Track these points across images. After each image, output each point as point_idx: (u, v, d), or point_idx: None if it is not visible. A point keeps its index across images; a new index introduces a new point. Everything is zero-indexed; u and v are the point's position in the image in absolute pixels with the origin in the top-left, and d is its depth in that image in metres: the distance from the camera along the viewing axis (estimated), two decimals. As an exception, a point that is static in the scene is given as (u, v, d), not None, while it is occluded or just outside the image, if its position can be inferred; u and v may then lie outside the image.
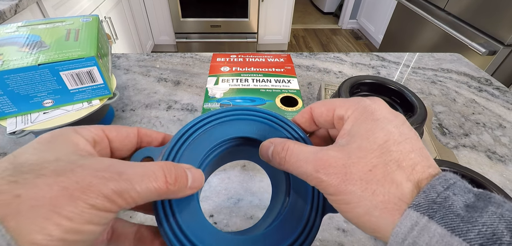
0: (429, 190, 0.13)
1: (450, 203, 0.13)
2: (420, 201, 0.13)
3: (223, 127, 0.20)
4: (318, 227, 0.18)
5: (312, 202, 0.18)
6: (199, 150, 0.19)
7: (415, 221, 0.13)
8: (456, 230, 0.12)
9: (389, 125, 0.15)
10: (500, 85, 0.62)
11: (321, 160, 0.16)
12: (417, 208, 0.13)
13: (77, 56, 0.36)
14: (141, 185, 0.13)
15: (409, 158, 0.14)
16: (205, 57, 0.67)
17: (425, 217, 0.12)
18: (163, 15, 2.02)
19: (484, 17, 1.24)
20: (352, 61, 0.68)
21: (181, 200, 0.17)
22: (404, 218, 0.13)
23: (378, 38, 2.42)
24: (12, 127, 0.36)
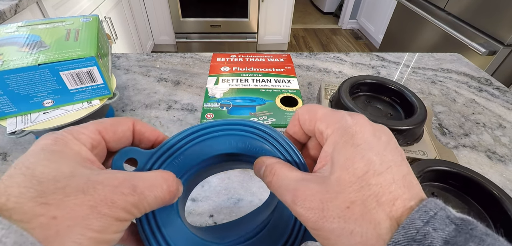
0: (408, 225, 0.13)
1: (429, 242, 0.12)
2: (399, 238, 0.12)
3: (212, 141, 0.19)
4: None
5: (293, 227, 0.18)
6: (186, 163, 0.19)
7: None
8: None
9: (370, 152, 0.15)
10: (500, 85, 0.62)
11: (299, 191, 0.15)
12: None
13: (77, 56, 0.36)
14: (150, 195, 0.15)
15: (389, 192, 0.14)
16: (205, 57, 0.67)
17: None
18: (163, 15, 2.02)
19: (484, 17, 1.24)
20: (352, 61, 0.68)
21: (164, 214, 0.17)
22: None
23: (378, 38, 2.42)
24: (12, 127, 0.36)
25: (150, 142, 0.19)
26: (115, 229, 0.13)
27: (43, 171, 0.13)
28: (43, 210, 0.11)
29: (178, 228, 0.18)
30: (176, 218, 0.18)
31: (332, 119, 0.17)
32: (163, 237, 0.17)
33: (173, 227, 0.18)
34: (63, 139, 0.15)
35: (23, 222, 0.11)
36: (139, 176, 0.15)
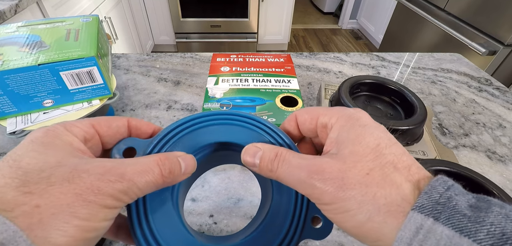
0: (430, 191, 0.13)
1: (454, 203, 0.12)
2: (423, 202, 0.12)
3: (210, 129, 0.20)
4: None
5: (291, 220, 0.18)
6: (185, 148, 0.19)
7: (420, 223, 0.12)
8: (465, 231, 0.11)
9: (376, 130, 0.16)
10: (500, 85, 0.62)
11: (315, 166, 0.15)
12: (421, 210, 0.12)
13: (77, 56, 0.36)
14: (141, 180, 0.14)
15: (403, 160, 0.14)
16: (205, 57, 0.67)
17: (430, 219, 0.12)
18: (163, 15, 2.02)
19: (484, 17, 1.24)
20: (352, 61, 0.68)
21: (155, 202, 0.17)
22: (408, 221, 0.12)
23: (378, 38, 2.42)
24: (12, 127, 0.36)
25: (147, 135, 0.19)
26: (102, 216, 0.13)
27: (30, 162, 0.13)
28: (26, 198, 0.12)
29: (171, 221, 0.17)
30: (171, 210, 0.17)
31: (334, 111, 0.17)
32: (149, 226, 0.16)
33: (165, 219, 0.17)
34: (54, 131, 0.15)
35: (6, 210, 0.11)
36: (128, 162, 0.15)
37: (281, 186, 0.18)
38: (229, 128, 0.20)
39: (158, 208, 0.17)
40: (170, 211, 0.17)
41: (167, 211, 0.17)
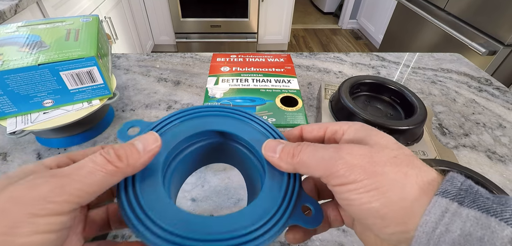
0: (451, 179, 0.13)
1: (476, 189, 0.13)
2: (447, 187, 0.13)
3: (210, 120, 0.21)
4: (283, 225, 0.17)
5: (281, 203, 0.17)
6: (182, 133, 0.20)
7: (445, 207, 0.12)
8: (491, 211, 0.11)
9: (387, 135, 0.17)
10: (500, 85, 0.62)
11: (343, 146, 0.16)
12: (445, 194, 0.12)
13: (77, 56, 0.36)
14: (80, 174, 0.14)
15: (417, 158, 0.15)
16: (205, 57, 0.67)
17: (455, 203, 0.12)
18: (163, 15, 2.02)
19: (484, 17, 1.23)
20: (352, 61, 0.68)
21: (145, 186, 0.17)
22: (432, 206, 0.12)
23: (378, 38, 2.42)
24: (12, 127, 0.36)
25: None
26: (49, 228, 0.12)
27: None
28: None
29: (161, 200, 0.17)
30: (162, 192, 0.17)
31: (344, 122, 0.19)
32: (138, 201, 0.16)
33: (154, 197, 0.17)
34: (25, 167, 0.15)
35: None
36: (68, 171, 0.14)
37: (273, 174, 0.19)
38: (228, 120, 0.22)
39: (148, 189, 0.17)
40: (161, 192, 0.17)
41: (157, 193, 0.17)
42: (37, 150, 0.41)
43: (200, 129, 0.21)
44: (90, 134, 0.43)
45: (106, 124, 0.45)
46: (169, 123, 0.20)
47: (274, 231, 0.16)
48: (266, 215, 0.16)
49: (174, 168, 0.21)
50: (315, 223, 0.17)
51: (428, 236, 0.12)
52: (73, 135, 0.41)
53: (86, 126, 0.42)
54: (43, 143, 0.42)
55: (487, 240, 0.11)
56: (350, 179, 0.14)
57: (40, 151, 0.41)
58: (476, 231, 0.11)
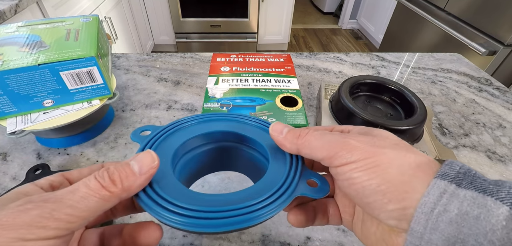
0: (450, 163, 0.14)
1: (474, 172, 0.13)
2: (446, 170, 0.13)
3: (213, 124, 0.23)
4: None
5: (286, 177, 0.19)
6: (175, 141, 0.21)
7: (443, 189, 0.13)
8: (487, 191, 0.12)
9: (389, 132, 0.18)
10: (500, 85, 0.62)
11: (349, 134, 0.17)
12: (443, 177, 0.13)
13: (77, 56, 0.36)
14: (72, 199, 0.13)
15: (415, 149, 0.16)
16: (205, 57, 0.67)
17: (453, 184, 0.13)
18: (163, 15, 2.02)
19: (484, 17, 1.23)
20: (352, 61, 0.68)
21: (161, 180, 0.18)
22: (431, 187, 0.13)
23: (378, 38, 2.42)
24: (12, 127, 0.36)
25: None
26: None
27: None
28: None
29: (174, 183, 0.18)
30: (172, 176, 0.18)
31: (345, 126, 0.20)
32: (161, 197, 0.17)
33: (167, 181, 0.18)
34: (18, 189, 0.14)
35: None
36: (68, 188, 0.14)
37: (277, 158, 0.20)
38: (230, 123, 0.23)
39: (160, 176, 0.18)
40: (172, 178, 0.18)
41: (169, 178, 0.18)
42: (37, 150, 0.41)
43: (206, 131, 0.22)
44: (90, 134, 0.43)
45: (106, 124, 0.45)
46: (175, 127, 0.22)
47: (284, 198, 0.17)
48: (274, 186, 0.17)
49: (182, 166, 0.22)
50: (322, 193, 0.18)
51: (427, 216, 0.13)
52: (73, 135, 0.41)
53: (86, 126, 0.42)
54: (43, 143, 0.42)
55: (483, 218, 0.11)
56: (352, 159, 0.15)
57: (40, 151, 0.41)
58: (472, 210, 0.12)
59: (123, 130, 0.45)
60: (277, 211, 0.16)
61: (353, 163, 0.15)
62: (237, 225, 0.15)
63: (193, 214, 0.15)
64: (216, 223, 0.15)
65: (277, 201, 0.17)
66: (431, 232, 0.12)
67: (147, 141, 0.20)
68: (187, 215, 0.15)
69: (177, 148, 0.20)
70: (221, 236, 0.32)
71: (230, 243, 0.31)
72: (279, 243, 0.31)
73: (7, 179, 0.37)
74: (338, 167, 0.16)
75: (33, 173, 0.35)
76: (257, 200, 0.16)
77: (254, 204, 0.16)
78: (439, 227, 0.12)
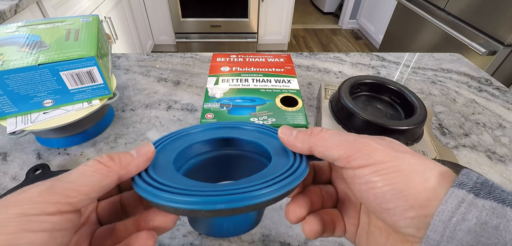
0: (467, 173, 0.13)
1: (491, 183, 0.13)
2: (463, 180, 0.13)
3: (215, 131, 0.23)
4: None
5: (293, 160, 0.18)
6: (174, 149, 0.21)
7: (462, 198, 0.12)
8: (506, 202, 0.12)
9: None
10: (500, 85, 0.62)
11: (364, 135, 0.16)
12: (461, 186, 0.13)
13: (77, 56, 0.36)
14: (70, 176, 0.14)
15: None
16: (205, 57, 0.67)
17: (471, 194, 0.12)
18: (163, 15, 2.02)
19: (484, 17, 1.23)
20: (352, 61, 0.68)
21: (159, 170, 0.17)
22: (449, 196, 0.13)
23: (378, 38, 2.42)
24: (12, 127, 0.36)
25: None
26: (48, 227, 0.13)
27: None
28: None
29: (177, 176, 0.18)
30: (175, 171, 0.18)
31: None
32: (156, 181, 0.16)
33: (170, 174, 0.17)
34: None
35: None
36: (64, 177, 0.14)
37: (279, 153, 0.20)
38: (231, 130, 0.23)
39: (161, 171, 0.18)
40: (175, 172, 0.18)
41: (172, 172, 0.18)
42: (37, 150, 0.41)
43: (207, 137, 0.22)
44: (90, 134, 0.43)
45: (106, 124, 0.45)
46: (172, 138, 0.21)
47: (301, 170, 0.17)
48: (284, 167, 0.17)
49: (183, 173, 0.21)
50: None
51: (444, 224, 0.12)
52: (73, 135, 0.41)
53: (86, 126, 0.42)
54: (43, 143, 0.42)
55: (502, 228, 0.11)
56: (373, 160, 0.15)
57: (40, 151, 0.41)
58: (491, 220, 0.12)
59: (123, 129, 0.45)
60: (285, 190, 0.15)
61: (373, 165, 0.15)
62: (243, 202, 0.14)
63: (192, 193, 0.15)
64: (220, 200, 0.14)
65: (285, 180, 0.16)
66: (448, 240, 0.12)
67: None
68: (185, 193, 0.15)
69: (176, 156, 0.20)
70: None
71: (230, 243, 0.31)
72: (279, 243, 0.31)
73: (7, 179, 0.37)
74: (356, 169, 0.15)
75: (33, 173, 0.35)
76: (264, 179, 0.15)
77: (262, 182, 0.15)
78: (456, 236, 0.12)
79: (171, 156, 0.19)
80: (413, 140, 0.40)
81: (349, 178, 0.16)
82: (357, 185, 0.15)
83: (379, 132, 0.38)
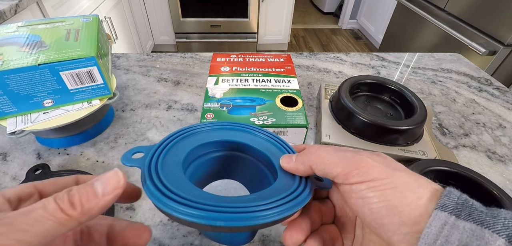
0: (449, 193, 0.14)
1: (471, 203, 0.14)
2: (445, 202, 0.14)
3: (216, 133, 0.22)
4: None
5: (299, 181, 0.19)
6: (187, 146, 0.20)
7: (444, 220, 0.13)
8: (485, 224, 0.13)
9: None
10: (500, 85, 0.62)
11: (362, 151, 0.17)
12: (443, 209, 0.13)
13: (77, 56, 0.36)
14: (25, 222, 0.12)
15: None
16: (205, 57, 0.67)
17: (452, 216, 0.13)
18: (163, 15, 2.02)
19: (484, 17, 1.23)
20: (352, 61, 0.68)
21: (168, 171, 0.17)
22: (433, 219, 0.13)
23: (378, 38, 2.42)
24: (12, 127, 0.36)
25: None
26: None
27: None
28: None
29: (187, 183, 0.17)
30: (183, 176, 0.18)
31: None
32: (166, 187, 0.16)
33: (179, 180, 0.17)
34: None
35: None
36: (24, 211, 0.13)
37: (285, 174, 0.20)
38: (239, 132, 0.23)
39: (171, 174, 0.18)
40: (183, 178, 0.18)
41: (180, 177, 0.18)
42: (37, 149, 0.41)
43: (219, 139, 0.22)
44: (90, 134, 0.43)
45: (106, 124, 0.45)
46: (177, 137, 0.21)
47: (304, 196, 0.17)
48: (285, 191, 0.17)
49: (191, 173, 0.21)
50: (329, 184, 0.20)
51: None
52: (73, 135, 0.41)
53: (86, 126, 0.42)
54: (43, 143, 0.42)
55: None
56: (371, 177, 0.15)
57: (40, 151, 0.41)
58: (472, 242, 0.12)
59: (123, 130, 0.45)
60: (286, 214, 0.16)
61: (370, 181, 0.15)
62: (243, 222, 0.15)
63: (195, 205, 0.15)
64: (220, 217, 0.15)
65: (287, 204, 0.16)
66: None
67: (155, 150, 0.19)
68: (188, 204, 0.15)
69: (187, 154, 0.20)
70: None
71: (230, 243, 0.31)
72: (279, 243, 0.31)
73: (7, 179, 0.37)
74: (353, 184, 0.16)
75: (33, 173, 0.35)
76: (267, 200, 0.16)
77: (264, 203, 0.16)
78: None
79: (181, 156, 0.19)
80: (413, 140, 0.40)
81: (346, 193, 0.17)
82: (354, 199, 0.16)
83: (379, 132, 0.38)
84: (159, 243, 0.31)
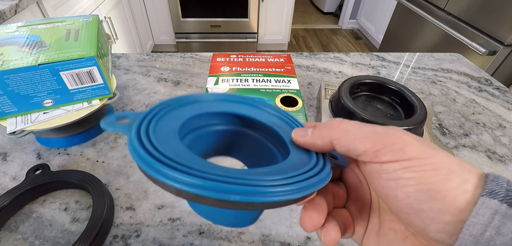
0: (496, 179, 0.12)
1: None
2: (494, 188, 0.12)
3: (221, 104, 0.19)
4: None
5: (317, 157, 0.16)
6: (184, 114, 0.17)
7: (495, 209, 0.11)
8: None
9: None
10: (500, 85, 0.62)
11: (391, 127, 0.15)
12: (492, 195, 0.11)
13: (77, 56, 0.36)
14: None
15: None
16: (205, 57, 0.67)
17: (504, 204, 0.11)
18: (163, 15, 2.02)
19: (484, 17, 1.23)
20: (352, 61, 0.68)
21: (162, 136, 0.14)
22: (480, 207, 0.11)
23: (378, 38, 2.42)
24: (12, 127, 0.36)
25: None
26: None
27: None
28: None
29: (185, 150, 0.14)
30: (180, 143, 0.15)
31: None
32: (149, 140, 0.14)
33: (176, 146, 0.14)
34: None
35: None
36: None
37: (298, 150, 0.17)
38: (250, 108, 0.20)
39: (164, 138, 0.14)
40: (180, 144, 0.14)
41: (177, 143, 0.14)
42: (37, 150, 0.41)
43: (222, 110, 0.19)
44: (90, 134, 0.43)
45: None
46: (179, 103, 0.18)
47: (325, 173, 0.15)
48: (305, 166, 0.15)
49: (188, 143, 0.18)
50: (344, 164, 0.18)
51: (476, 239, 0.11)
52: (73, 135, 0.41)
53: (86, 126, 0.42)
54: (43, 143, 0.42)
55: None
56: (407, 156, 0.13)
57: (40, 151, 0.41)
58: None
59: (123, 130, 0.45)
60: (308, 191, 0.13)
61: (406, 160, 0.13)
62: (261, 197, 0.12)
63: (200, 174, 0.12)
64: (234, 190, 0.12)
65: (309, 180, 0.14)
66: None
67: (146, 114, 0.16)
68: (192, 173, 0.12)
69: (184, 122, 0.17)
70: (221, 236, 0.32)
71: (230, 243, 0.31)
72: (279, 243, 0.31)
73: (7, 179, 0.37)
74: (385, 163, 0.14)
75: (33, 173, 0.35)
76: (284, 175, 0.13)
77: (283, 178, 0.13)
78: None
79: (177, 123, 0.16)
80: (413, 140, 0.40)
81: (374, 173, 0.14)
82: (384, 181, 0.14)
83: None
84: (159, 243, 0.31)
